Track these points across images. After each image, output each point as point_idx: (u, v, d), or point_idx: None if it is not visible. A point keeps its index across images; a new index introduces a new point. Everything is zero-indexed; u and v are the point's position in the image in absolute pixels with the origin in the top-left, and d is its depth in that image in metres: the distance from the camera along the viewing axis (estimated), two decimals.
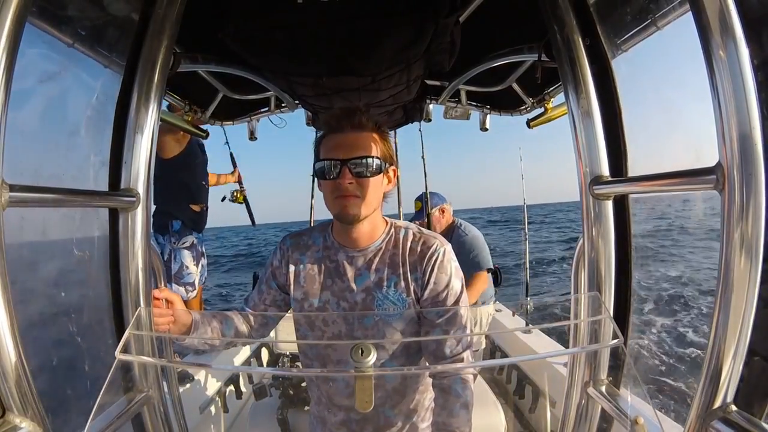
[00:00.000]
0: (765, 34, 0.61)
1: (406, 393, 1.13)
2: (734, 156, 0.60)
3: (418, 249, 1.08)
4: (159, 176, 2.79)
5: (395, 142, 2.60)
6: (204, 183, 2.91)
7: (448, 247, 1.11)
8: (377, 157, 1.01)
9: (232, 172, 3.41)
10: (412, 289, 1.07)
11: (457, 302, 1.08)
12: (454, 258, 1.11)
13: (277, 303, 1.19)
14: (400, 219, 4.21)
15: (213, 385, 2.41)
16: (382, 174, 1.04)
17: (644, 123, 1.08)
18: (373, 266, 1.08)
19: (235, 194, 3.40)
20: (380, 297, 1.07)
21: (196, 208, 2.84)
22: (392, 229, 1.12)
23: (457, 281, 1.09)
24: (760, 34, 0.60)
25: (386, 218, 1.15)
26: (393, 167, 1.08)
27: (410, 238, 1.10)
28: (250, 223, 3.68)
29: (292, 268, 1.14)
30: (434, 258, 1.07)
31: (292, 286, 1.14)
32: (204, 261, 2.99)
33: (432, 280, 1.06)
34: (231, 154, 3.42)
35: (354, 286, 1.08)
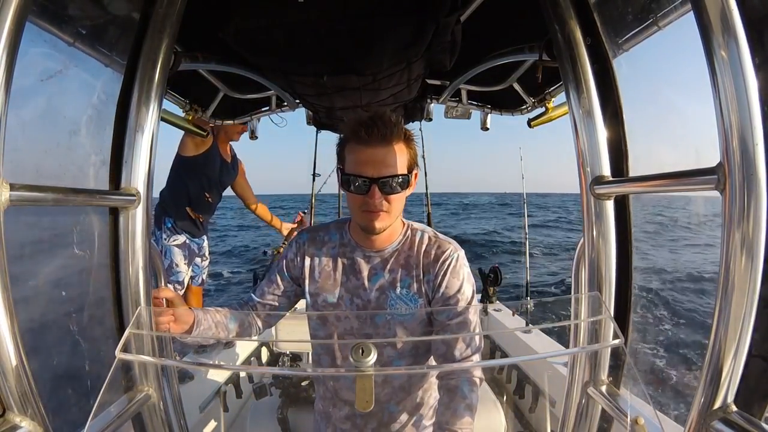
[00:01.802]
0: (766, 34, 0.61)
1: (411, 390, 1.15)
2: (735, 156, 0.60)
3: (433, 252, 1.10)
4: (171, 170, 2.82)
5: None
6: (206, 195, 2.86)
7: (461, 252, 1.12)
8: (406, 174, 1.01)
9: (294, 223, 3.30)
10: (424, 291, 1.09)
11: (467, 303, 1.09)
12: (467, 264, 1.13)
13: (288, 295, 1.21)
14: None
15: (213, 385, 2.41)
16: (409, 186, 1.04)
17: (645, 123, 1.07)
18: (388, 266, 1.11)
19: (275, 250, 3.25)
20: (393, 297, 1.09)
21: (191, 214, 2.84)
22: (409, 231, 1.14)
23: (468, 287, 1.10)
24: (761, 34, 0.60)
25: (403, 219, 1.16)
26: (416, 171, 1.07)
27: (425, 241, 1.12)
28: None
29: (307, 262, 1.16)
30: (447, 262, 1.08)
31: (306, 280, 1.16)
32: (199, 261, 2.97)
33: (444, 283, 1.08)
34: (305, 212, 3.41)
35: (368, 284, 1.11)
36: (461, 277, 1.10)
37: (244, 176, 3.15)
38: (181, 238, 2.80)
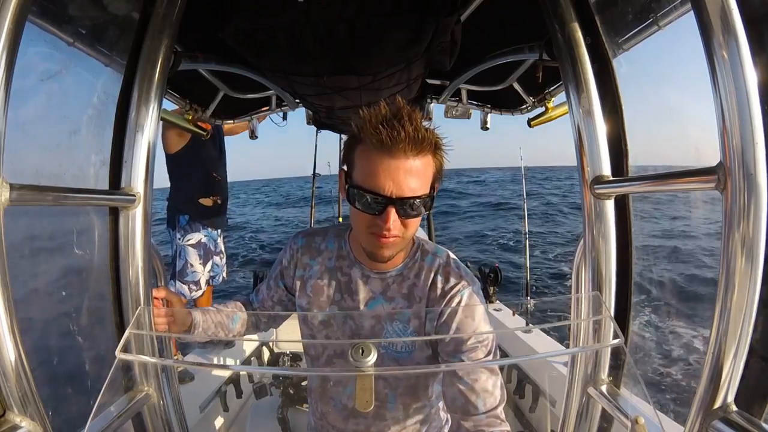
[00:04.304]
0: (767, 33, 0.61)
1: (406, 422, 1.08)
2: (736, 156, 0.60)
3: (440, 286, 0.96)
4: (168, 172, 2.79)
5: None
6: (216, 175, 2.84)
7: (475, 287, 0.98)
8: (430, 196, 0.84)
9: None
10: (425, 330, 0.96)
11: (487, 353, 0.93)
12: (482, 300, 0.99)
13: (284, 302, 1.16)
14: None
15: (213, 385, 2.42)
16: (432, 205, 0.87)
17: (646, 122, 1.07)
18: (389, 293, 0.98)
19: None
20: (389, 330, 0.98)
21: (206, 202, 2.78)
22: (418, 253, 1.00)
23: (485, 328, 0.96)
24: (762, 34, 0.60)
25: (414, 236, 0.99)
26: (437, 184, 0.90)
27: (434, 269, 0.98)
28: None
29: (300, 272, 1.07)
30: (456, 300, 0.94)
31: (297, 292, 1.08)
32: (218, 259, 2.92)
33: (454, 326, 0.93)
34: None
35: (363, 309, 1.00)
36: (475, 318, 0.93)
37: (229, 128, 2.96)
38: (197, 236, 2.75)
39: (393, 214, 0.80)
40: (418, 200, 0.81)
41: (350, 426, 1.07)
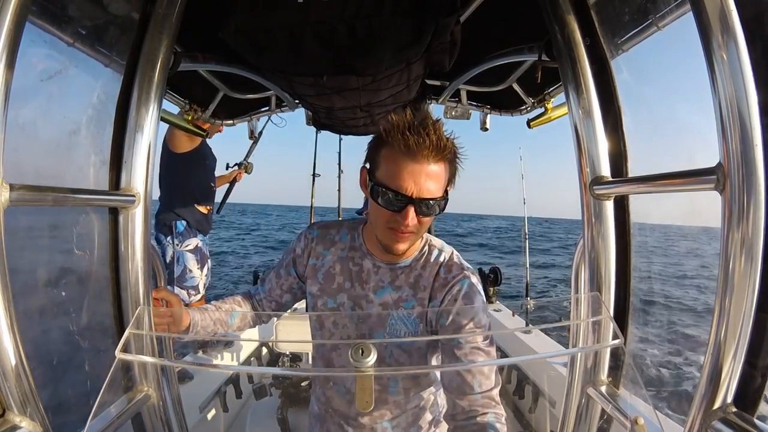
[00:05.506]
0: (765, 34, 0.61)
1: (406, 407, 1.12)
2: (735, 156, 0.60)
3: (443, 276, 1.04)
4: (167, 171, 2.76)
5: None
6: (212, 185, 2.85)
7: (474, 278, 1.05)
8: (444, 198, 0.93)
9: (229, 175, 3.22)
10: (427, 317, 1.03)
11: (484, 337, 0.98)
12: (480, 291, 1.05)
13: (294, 290, 1.19)
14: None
15: (213, 385, 2.42)
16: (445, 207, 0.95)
17: (645, 123, 1.07)
18: (397, 282, 1.05)
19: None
20: (395, 317, 1.04)
21: (203, 209, 2.78)
22: (426, 247, 1.08)
23: (483, 316, 1.02)
24: (760, 35, 0.60)
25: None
26: (450, 188, 0.98)
27: (440, 262, 1.06)
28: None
29: (312, 261, 1.12)
30: (456, 289, 1.02)
31: (309, 280, 1.13)
32: (209, 263, 2.93)
33: (453, 312, 1.00)
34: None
35: (373, 296, 1.06)
36: (475, 306, 1.01)
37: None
38: (194, 242, 2.74)
39: (412, 212, 0.88)
40: (434, 201, 0.90)
41: (353, 410, 1.10)
